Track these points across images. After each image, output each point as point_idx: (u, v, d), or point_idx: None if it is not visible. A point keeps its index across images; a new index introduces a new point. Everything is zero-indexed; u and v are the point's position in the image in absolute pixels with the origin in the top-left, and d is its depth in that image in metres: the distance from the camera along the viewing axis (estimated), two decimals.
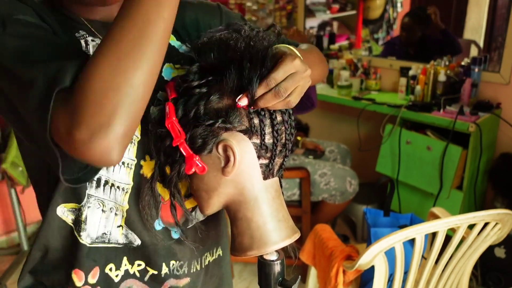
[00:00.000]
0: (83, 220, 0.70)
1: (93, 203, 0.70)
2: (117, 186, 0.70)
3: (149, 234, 0.74)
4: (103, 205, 0.70)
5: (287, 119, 0.66)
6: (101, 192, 0.69)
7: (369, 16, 3.27)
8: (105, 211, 0.71)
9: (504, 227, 1.35)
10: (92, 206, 0.70)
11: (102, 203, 0.70)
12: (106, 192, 0.69)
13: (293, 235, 0.68)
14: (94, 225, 0.71)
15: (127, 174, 0.69)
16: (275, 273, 0.67)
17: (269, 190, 0.67)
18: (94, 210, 0.70)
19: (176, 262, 0.78)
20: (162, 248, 0.76)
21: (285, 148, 0.67)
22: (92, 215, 0.70)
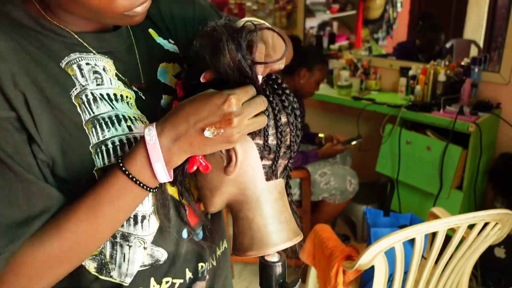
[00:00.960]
0: (109, 261, 0.67)
1: (134, 242, 0.67)
2: (151, 213, 0.68)
3: (175, 244, 0.72)
4: (144, 243, 0.68)
5: (292, 120, 0.66)
6: (140, 229, 0.67)
7: (369, 16, 3.27)
8: (147, 248, 0.68)
9: (504, 227, 1.35)
10: (133, 246, 0.67)
11: (143, 241, 0.68)
12: (145, 228, 0.67)
13: (294, 237, 0.67)
14: (137, 264, 0.68)
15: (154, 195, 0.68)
16: (276, 274, 0.67)
17: (272, 192, 0.67)
18: (136, 249, 0.67)
19: (205, 264, 0.78)
20: (186, 254, 0.74)
21: (290, 150, 0.67)
22: (135, 254, 0.67)
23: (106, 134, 0.62)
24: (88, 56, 0.64)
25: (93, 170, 0.61)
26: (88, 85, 0.63)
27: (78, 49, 0.64)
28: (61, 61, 0.62)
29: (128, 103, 0.66)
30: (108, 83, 0.65)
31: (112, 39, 0.67)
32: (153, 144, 0.57)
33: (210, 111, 0.56)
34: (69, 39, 0.63)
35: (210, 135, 0.56)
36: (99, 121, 0.62)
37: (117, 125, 0.63)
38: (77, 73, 0.62)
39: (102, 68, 0.65)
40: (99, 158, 0.61)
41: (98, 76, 0.64)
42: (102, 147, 0.62)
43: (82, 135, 0.60)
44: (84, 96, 0.61)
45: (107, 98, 0.64)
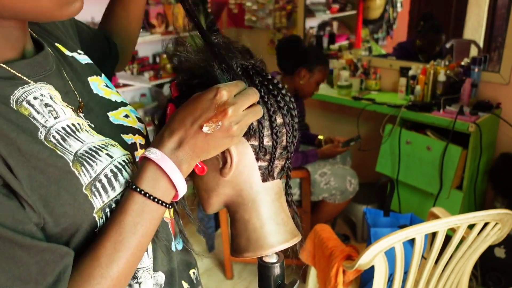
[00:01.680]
0: None
1: (143, 276, 0.64)
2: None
3: (168, 260, 0.70)
4: (151, 272, 0.65)
5: (289, 121, 0.65)
6: (147, 259, 0.64)
7: (369, 16, 3.27)
8: (154, 277, 0.66)
9: (504, 227, 1.35)
10: (144, 280, 0.64)
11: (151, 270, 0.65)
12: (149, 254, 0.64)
13: (291, 239, 0.67)
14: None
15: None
16: (274, 275, 0.67)
17: (268, 193, 0.67)
18: (147, 282, 0.64)
19: (195, 269, 0.77)
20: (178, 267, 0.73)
21: (287, 151, 0.67)
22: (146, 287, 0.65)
23: (96, 168, 0.56)
24: (30, 88, 0.56)
25: (93, 213, 0.56)
26: (48, 122, 0.56)
27: (18, 83, 0.55)
28: (10, 102, 0.53)
29: (88, 131, 0.61)
30: (63, 114, 0.58)
31: (43, 62, 0.60)
32: (161, 158, 0.55)
33: (204, 107, 0.55)
34: (3, 73, 0.54)
35: (209, 130, 0.55)
36: (83, 157, 0.56)
37: (98, 157, 0.57)
38: (31, 111, 0.55)
39: (49, 97, 0.58)
40: (97, 197, 0.56)
41: (51, 109, 0.57)
42: (96, 184, 0.56)
43: (72, 177, 0.54)
44: (52, 137, 0.55)
45: (70, 131, 0.58)
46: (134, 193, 0.55)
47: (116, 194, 0.58)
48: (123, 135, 0.66)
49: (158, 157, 0.55)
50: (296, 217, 0.72)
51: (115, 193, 0.58)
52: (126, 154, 0.62)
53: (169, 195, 0.58)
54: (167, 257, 0.70)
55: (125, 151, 0.63)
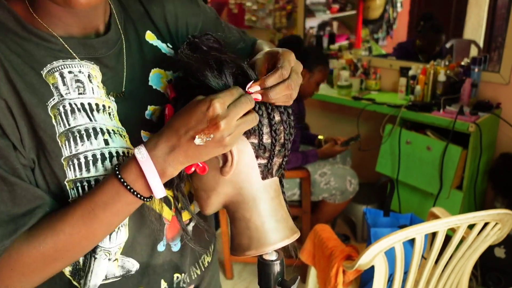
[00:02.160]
0: (82, 268, 0.68)
1: (99, 254, 0.67)
2: (121, 225, 0.68)
3: (149, 255, 0.72)
4: (109, 254, 0.68)
5: (286, 118, 0.66)
6: (107, 242, 0.67)
7: (369, 16, 3.27)
8: (111, 259, 0.69)
9: (504, 227, 1.35)
10: (98, 258, 0.67)
11: (109, 253, 0.68)
12: (112, 239, 0.67)
13: (292, 235, 0.67)
14: (100, 275, 0.69)
15: None
16: (274, 273, 0.67)
17: (268, 190, 0.67)
18: (101, 261, 0.68)
19: (181, 275, 0.78)
20: (162, 265, 0.74)
21: (284, 148, 0.67)
22: (99, 266, 0.68)
23: (79, 148, 0.62)
24: (72, 63, 0.63)
25: (64, 181, 0.62)
26: (69, 94, 0.62)
27: (62, 56, 0.62)
28: (43, 69, 0.61)
29: (110, 114, 0.65)
30: (90, 93, 0.64)
31: (99, 45, 0.66)
32: (146, 160, 0.58)
33: (197, 119, 0.56)
34: (54, 45, 0.62)
35: (201, 143, 0.56)
36: (74, 134, 0.61)
37: (93, 138, 0.63)
38: (58, 82, 0.61)
39: (87, 75, 0.64)
40: (71, 171, 0.61)
41: (80, 85, 0.63)
42: (74, 160, 0.61)
43: (55, 146, 0.60)
44: (62, 107, 0.61)
45: (88, 108, 0.63)
46: (114, 177, 0.59)
47: (90, 175, 0.63)
48: (143, 132, 0.68)
49: (144, 158, 0.58)
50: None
51: (88, 174, 0.62)
52: (127, 148, 0.65)
53: (145, 194, 0.60)
54: (149, 251, 0.72)
55: (128, 145, 0.66)
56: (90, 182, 0.63)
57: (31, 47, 0.60)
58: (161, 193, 0.60)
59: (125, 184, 0.59)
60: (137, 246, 0.70)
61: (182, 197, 0.70)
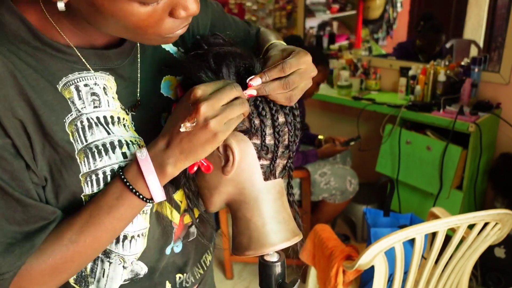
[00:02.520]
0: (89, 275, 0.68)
1: (114, 259, 0.67)
2: (137, 235, 0.67)
3: (157, 259, 0.72)
4: (124, 262, 0.68)
5: (291, 120, 0.65)
6: (121, 248, 0.67)
7: (369, 16, 3.27)
8: (126, 267, 0.68)
9: (504, 227, 1.35)
10: (113, 262, 0.67)
11: (123, 260, 0.68)
12: (126, 248, 0.67)
13: (292, 237, 0.67)
14: (116, 280, 0.69)
15: (144, 220, 0.67)
16: (275, 274, 0.67)
17: (270, 191, 0.67)
18: (116, 266, 0.67)
19: (183, 275, 0.78)
20: (166, 267, 0.75)
21: (289, 150, 0.67)
22: (114, 271, 0.68)
23: (97, 164, 0.61)
24: (88, 75, 0.61)
25: (81, 195, 0.61)
26: (85, 108, 0.61)
27: (77, 68, 0.61)
28: (59, 83, 0.59)
29: (125, 126, 0.65)
30: (106, 105, 0.63)
31: (115, 56, 0.64)
32: (145, 159, 0.59)
33: (181, 109, 0.58)
34: (69, 56, 0.60)
35: (186, 129, 0.55)
36: (92, 150, 0.60)
37: (110, 153, 0.62)
38: (74, 96, 0.60)
39: (102, 87, 0.63)
40: (88, 186, 0.61)
41: (95, 98, 0.62)
42: (92, 176, 0.61)
43: (73, 163, 0.59)
44: (79, 123, 0.60)
45: (103, 121, 0.62)
46: (118, 179, 0.60)
47: None
48: None
49: (143, 157, 0.59)
50: (297, 217, 0.72)
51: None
52: None
53: (146, 194, 0.61)
54: (158, 256, 0.72)
55: None
56: None
57: (46, 58, 0.58)
58: (159, 195, 0.60)
59: (127, 184, 0.59)
60: (147, 251, 0.70)
61: (193, 196, 0.71)
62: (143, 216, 0.67)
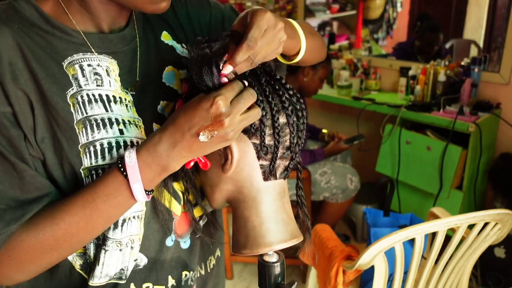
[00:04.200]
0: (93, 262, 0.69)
1: (110, 246, 0.68)
2: (133, 217, 0.68)
3: (157, 250, 0.73)
4: (120, 245, 0.69)
5: (293, 121, 0.65)
6: (119, 233, 0.68)
7: (369, 16, 3.27)
8: (122, 249, 0.69)
9: (504, 227, 1.35)
10: (110, 249, 0.68)
11: (120, 243, 0.69)
12: (124, 230, 0.68)
13: (290, 239, 0.67)
14: (112, 266, 0.69)
15: (140, 203, 0.68)
16: (274, 274, 0.67)
17: (269, 192, 0.67)
18: (112, 252, 0.68)
19: (189, 272, 0.78)
20: (170, 261, 0.75)
21: (290, 151, 0.66)
22: (110, 258, 0.69)
23: (95, 135, 0.63)
24: (91, 56, 0.65)
25: (80, 169, 0.63)
26: (88, 85, 0.64)
27: (82, 50, 0.65)
28: (64, 61, 0.63)
29: (127, 106, 0.67)
30: (108, 85, 0.66)
31: (117, 40, 0.68)
32: (132, 166, 0.60)
33: (201, 116, 0.57)
34: (75, 39, 0.64)
35: (205, 139, 0.57)
36: (91, 122, 0.63)
37: (108, 127, 0.64)
38: (78, 73, 0.63)
39: (105, 69, 0.66)
40: (87, 158, 0.63)
41: (98, 78, 0.65)
42: (90, 147, 0.63)
43: (73, 133, 0.62)
44: (80, 97, 0.63)
45: (105, 99, 0.65)
46: (117, 170, 0.61)
47: (105, 163, 0.64)
48: (155, 124, 0.70)
49: (131, 163, 0.60)
50: (306, 220, 0.72)
51: (103, 162, 0.64)
52: (141, 138, 0.67)
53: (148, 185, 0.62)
54: (157, 247, 0.72)
55: (142, 135, 0.68)
56: (105, 170, 0.64)
57: (54, 40, 0.63)
58: (142, 197, 0.61)
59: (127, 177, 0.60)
60: (146, 241, 0.71)
61: (194, 190, 0.72)
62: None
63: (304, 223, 0.72)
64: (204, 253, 0.82)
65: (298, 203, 0.72)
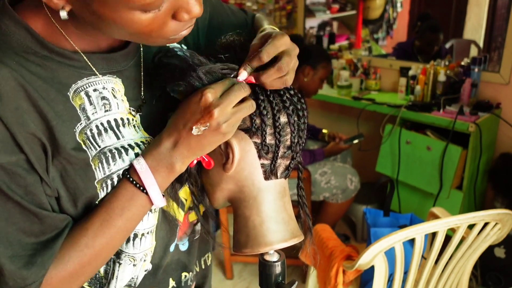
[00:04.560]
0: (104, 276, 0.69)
1: (124, 260, 0.68)
2: (147, 233, 0.68)
3: (161, 257, 0.73)
4: (134, 260, 0.68)
5: (294, 121, 0.65)
6: (131, 248, 0.67)
7: (369, 16, 3.27)
8: (136, 265, 0.69)
9: (504, 227, 1.35)
10: (123, 263, 0.68)
11: (133, 259, 0.68)
12: (137, 246, 0.67)
13: (291, 239, 0.67)
14: (125, 280, 0.69)
15: (153, 217, 0.68)
16: (275, 274, 0.67)
17: (270, 191, 0.67)
18: (126, 267, 0.68)
19: (188, 273, 0.78)
20: (170, 264, 0.75)
21: (291, 151, 0.67)
22: (123, 272, 0.68)
23: (112, 168, 0.61)
24: (96, 79, 0.62)
25: (96, 201, 0.62)
26: (96, 113, 0.61)
27: (86, 74, 0.61)
28: (69, 90, 0.59)
29: (135, 127, 0.65)
30: (116, 108, 0.63)
31: (120, 59, 0.65)
32: (144, 171, 0.60)
33: (191, 110, 0.58)
34: (77, 62, 0.60)
35: (198, 132, 0.58)
36: (106, 154, 0.61)
37: (124, 156, 0.62)
38: (85, 102, 0.60)
39: (110, 90, 0.63)
40: (103, 192, 0.62)
41: (106, 102, 0.62)
42: (107, 181, 0.61)
43: (89, 171, 0.60)
44: (89, 131, 0.60)
45: (114, 125, 0.62)
46: (127, 181, 0.61)
47: None
48: None
49: (143, 169, 0.60)
50: (307, 220, 0.72)
51: None
52: None
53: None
54: (162, 253, 0.72)
55: None
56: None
57: (54, 67, 0.58)
58: (160, 202, 0.61)
59: (137, 185, 0.60)
60: (155, 251, 0.71)
61: (198, 191, 0.72)
62: (154, 214, 0.68)
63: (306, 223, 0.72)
64: (201, 252, 0.82)
65: (299, 203, 0.73)
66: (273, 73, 0.60)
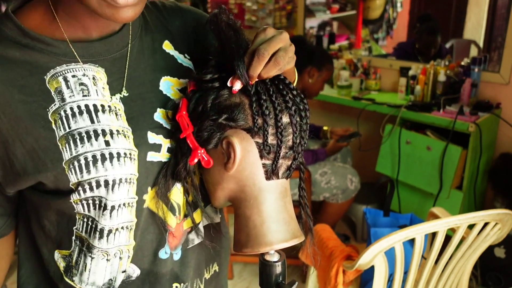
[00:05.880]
0: (74, 266, 0.70)
1: (96, 254, 0.68)
2: (121, 228, 0.68)
3: (151, 262, 0.72)
4: (107, 255, 0.69)
5: (296, 121, 0.65)
6: (105, 243, 0.67)
7: (369, 16, 3.27)
8: (110, 260, 0.69)
9: (504, 227, 1.35)
10: (96, 257, 0.68)
11: (107, 253, 0.68)
12: (110, 241, 0.67)
13: (291, 239, 0.67)
14: (99, 274, 0.70)
15: (129, 213, 0.67)
16: (275, 274, 0.67)
17: (272, 191, 0.67)
18: (99, 261, 0.69)
19: (180, 284, 0.77)
20: (164, 274, 0.74)
21: (293, 151, 0.67)
22: (97, 266, 0.69)
23: (79, 149, 0.62)
24: (76, 66, 0.64)
25: (69, 185, 0.63)
26: (73, 96, 0.62)
27: (65, 60, 0.63)
28: (46, 74, 0.62)
29: (117, 114, 0.65)
30: (95, 95, 0.64)
31: (102, 48, 0.66)
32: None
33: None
34: (57, 49, 0.63)
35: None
36: (74, 136, 0.62)
37: (93, 140, 0.62)
38: (62, 85, 0.62)
39: (91, 78, 0.64)
40: (72, 174, 0.62)
41: (84, 88, 0.63)
42: (74, 162, 0.62)
43: (56, 151, 0.61)
44: (63, 111, 0.62)
45: (92, 110, 0.63)
46: None
47: (90, 177, 0.63)
48: (151, 133, 0.68)
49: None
50: (309, 220, 0.72)
51: (89, 176, 0.63)
52: (129, 149, 0.65)
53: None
54: (151, 258, 0.72)
55: (131, 146, 0.65)
56: (91, 184, 0.63)
57: (34, 54, 0.62)
58: None
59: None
60: (139, 252, 0.70)
61: (194, 191, 0.71)
62: (128, 209, 0.67)
63: (307, 224, 0.72)
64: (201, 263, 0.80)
65: (301, 204, 0.73)
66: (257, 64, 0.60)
